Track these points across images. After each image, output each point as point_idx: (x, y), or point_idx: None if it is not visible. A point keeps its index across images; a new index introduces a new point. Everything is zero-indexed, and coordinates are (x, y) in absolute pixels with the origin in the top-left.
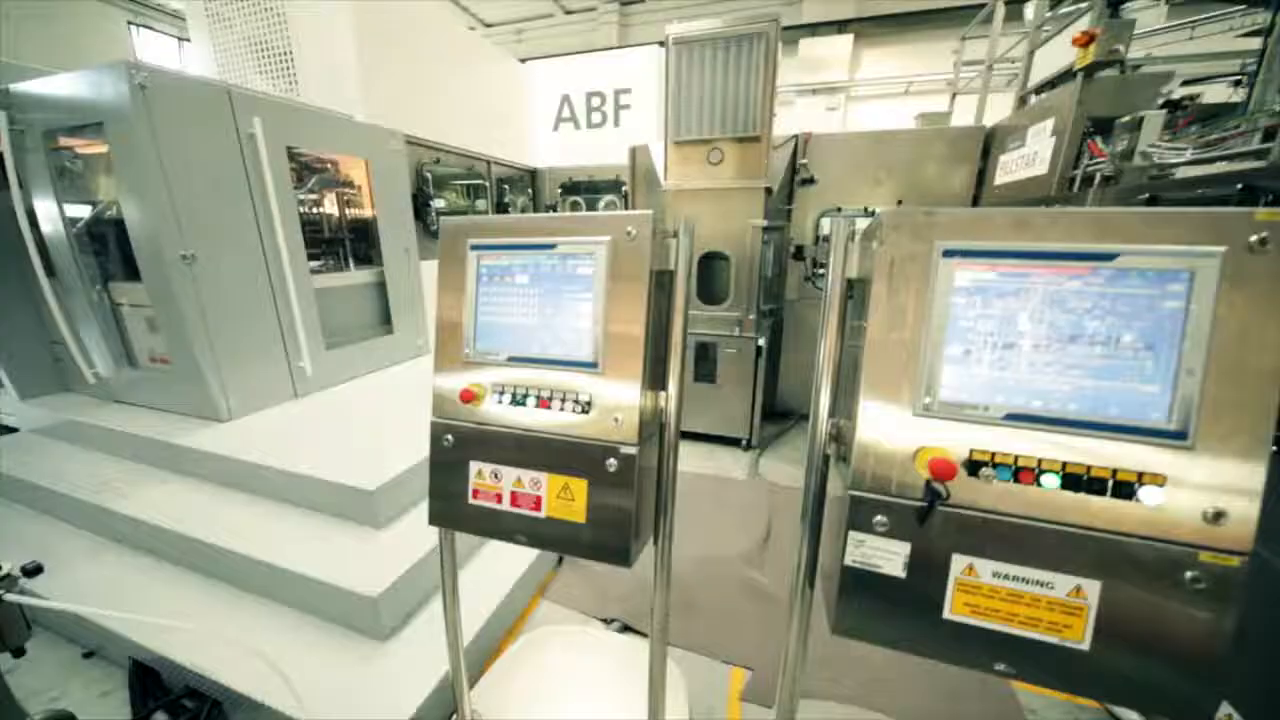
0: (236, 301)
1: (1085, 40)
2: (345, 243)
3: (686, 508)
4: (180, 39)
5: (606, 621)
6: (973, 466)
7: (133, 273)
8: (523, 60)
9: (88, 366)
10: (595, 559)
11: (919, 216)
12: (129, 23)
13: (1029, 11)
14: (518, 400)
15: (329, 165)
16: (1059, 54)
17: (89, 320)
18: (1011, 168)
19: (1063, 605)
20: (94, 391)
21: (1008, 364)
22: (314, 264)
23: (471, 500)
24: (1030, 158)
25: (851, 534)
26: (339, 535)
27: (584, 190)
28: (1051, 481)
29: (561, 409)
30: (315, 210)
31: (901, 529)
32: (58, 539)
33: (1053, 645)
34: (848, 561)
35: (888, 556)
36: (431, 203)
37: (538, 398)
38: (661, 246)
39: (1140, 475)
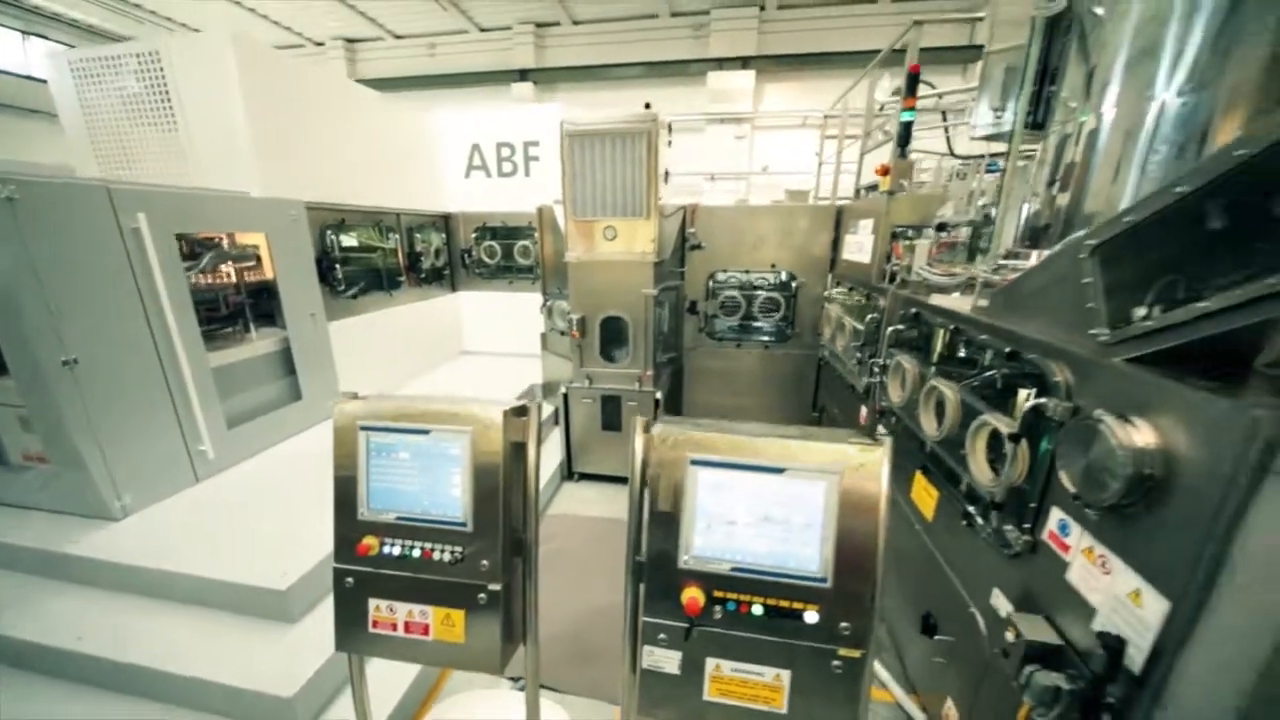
0: (126, 395)
1: (883, 171)
2: (246, 313)
3: (589, 554)
4: (25, 33)
5: (514, 680)
6: (713, 601)
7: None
8: (435, 82)
9: None
10: (474, 669)
11: (678, 434)
12: None
13: (881, 92)
14: (406, 552)
15: (223, 239)
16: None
17: None
18: (851, 248)
19: (769, 686)
20: None
21: (732, 534)
22: (214, 329)
23: (372, 629)
24: (861, 245)
25: (645, 647)
26: (251, 635)
27: (499, 235)
28: (759, 610)
29: (441, 557)
30: (211, 281)
31: (675, 643)
32: None
33: (766, 712)
34: (644, 666)
35: (668, 660)
36: (338, 265)
37: (422, 549)
38: (517, 424)
39: (805, 605)
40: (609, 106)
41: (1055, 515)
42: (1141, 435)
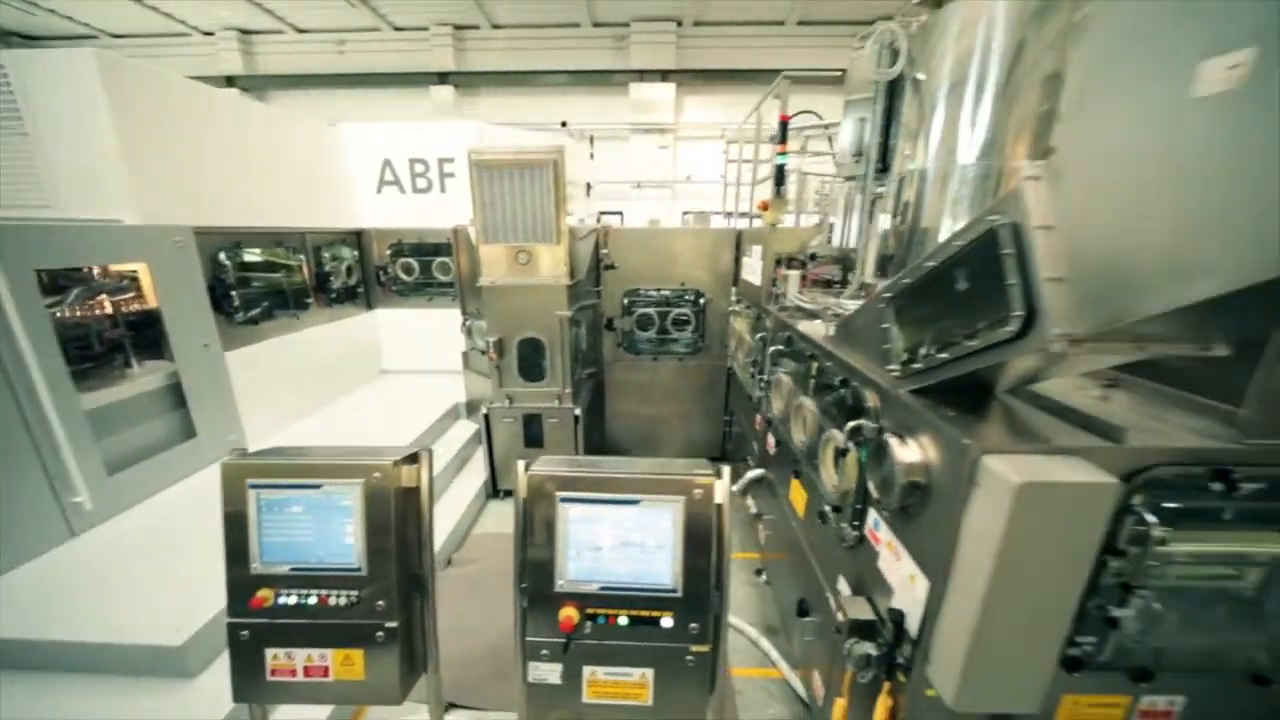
0: None
1: (764, 206)
2: (126, 347)
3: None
4: None
5: None
6: (586, 617)
7: None
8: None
9: None
10: (375, 704)
11: (550, 474)
12: None
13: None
14: (302, 600)
15: (94, 271)
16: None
17: None
18: (748, 270)
19: (637, 684)
20: None
21: (598, 558)
22: (88, 367)
23: (270, 677)
24: (754, 268)
25: (529, 663)
26: (147, 696)
27: (416, 252)
28: (624, 621)
29: (337, 601)
30: (83, 316)
31: (556, 656)
32: None
33: (636, 706)
34: (529, 680)
35: (551, 672)
36: (233, 291)
37: (318, 595)
38: (409, 472)
39: (661, 613)
40: (532, 113)
41: (872, 515)
42: (912, 453)
